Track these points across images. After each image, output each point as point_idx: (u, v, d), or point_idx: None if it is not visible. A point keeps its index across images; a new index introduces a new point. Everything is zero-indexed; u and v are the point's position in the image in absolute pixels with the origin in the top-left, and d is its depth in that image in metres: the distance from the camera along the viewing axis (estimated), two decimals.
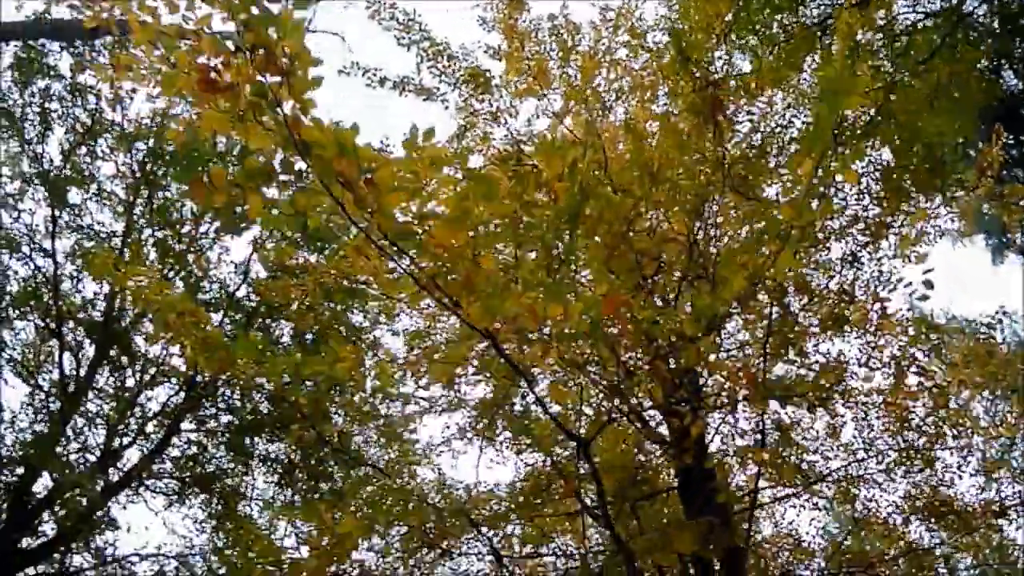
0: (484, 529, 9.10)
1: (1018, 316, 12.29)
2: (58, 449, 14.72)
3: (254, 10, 4.02)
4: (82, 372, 15.71)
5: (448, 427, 11.27)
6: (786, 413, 11.93)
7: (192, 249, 15.90)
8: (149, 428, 16.02)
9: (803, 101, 11.32)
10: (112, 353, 15.55)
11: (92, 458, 15.45)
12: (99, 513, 14.98)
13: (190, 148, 15.18)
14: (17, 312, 15.66)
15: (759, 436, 10.93)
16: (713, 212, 8.38)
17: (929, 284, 8.73)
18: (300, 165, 4.82)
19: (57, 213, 15.42)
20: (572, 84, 11.17)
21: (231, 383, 15.23)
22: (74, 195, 15.82)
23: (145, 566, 15.93)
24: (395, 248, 5.14)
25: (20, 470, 14.78)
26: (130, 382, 15.98)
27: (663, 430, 10.45)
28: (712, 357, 6.25)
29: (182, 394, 15.95)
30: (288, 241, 14.81)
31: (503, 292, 4.78)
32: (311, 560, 6.59)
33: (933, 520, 11.07)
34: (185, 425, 15.91)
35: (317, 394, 7.99)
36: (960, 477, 11.21)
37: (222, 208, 4.80)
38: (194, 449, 15.83)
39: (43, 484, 14.97)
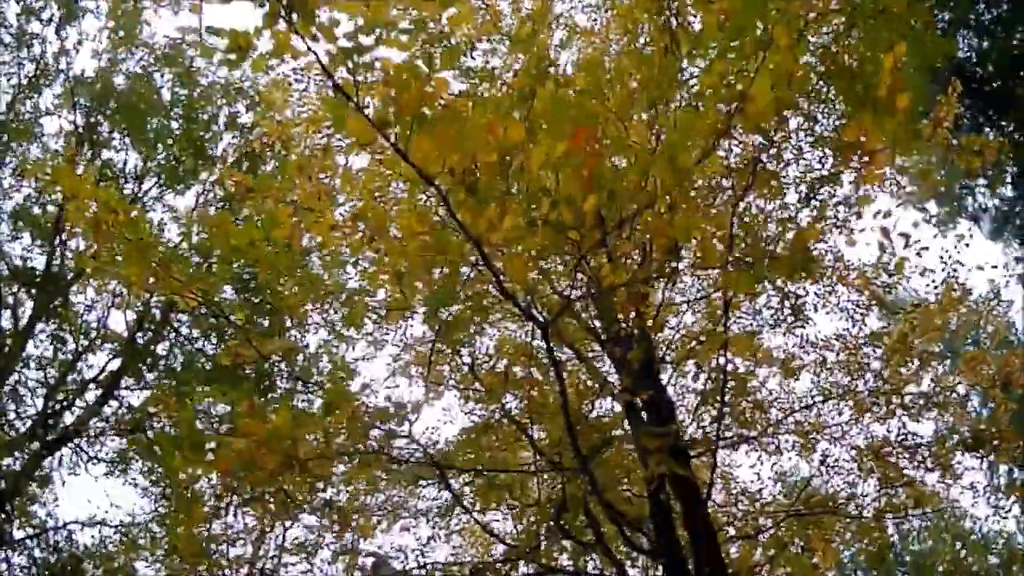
0: (432, 454, 8.80)
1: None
2: None
3: None
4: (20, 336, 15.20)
5: (395, 359, 10.99)
6: (743, 362, 11.90)
7: (135, 207, 15.45)
8: (88, 392, 15.52)
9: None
10: (52, 306, 15.07)
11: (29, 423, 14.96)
12: (36, 474, 14.45)
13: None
14: None
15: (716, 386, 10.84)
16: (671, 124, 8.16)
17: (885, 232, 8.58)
18: None
19: None
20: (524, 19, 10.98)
21: (172, 344, 14.87)
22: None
23: (87, 535, 15.41)
24: (342, 93, 4.90)
25: None
26: (70, 344, 15.49)
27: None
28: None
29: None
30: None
31: (458, 121, 4.51)
32: (238, 442, 6.19)
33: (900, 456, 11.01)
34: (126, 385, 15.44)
35: (253, 305, 7.66)
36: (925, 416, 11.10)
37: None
38: (135, 412, 15.30)
39: None
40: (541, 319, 6.36)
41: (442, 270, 6.20)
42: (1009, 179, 15.41)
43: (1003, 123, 15.40)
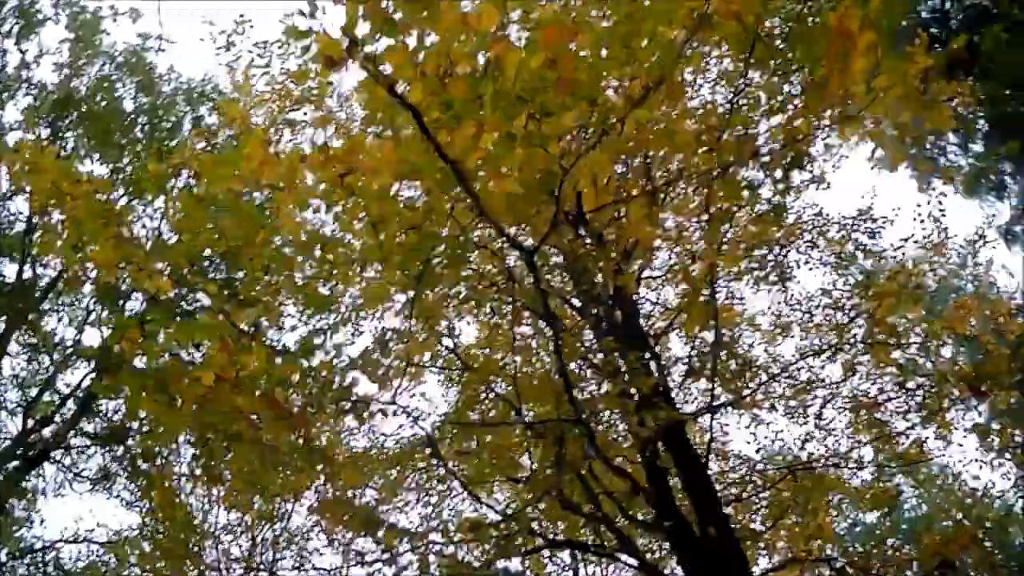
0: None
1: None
2: None
3: None
4: None
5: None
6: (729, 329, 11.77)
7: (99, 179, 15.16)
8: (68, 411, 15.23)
9: None
10: (26, 318, 14.80)
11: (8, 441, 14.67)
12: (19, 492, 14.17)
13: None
14: None
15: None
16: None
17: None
18: None
19: None
20: None
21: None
22: None
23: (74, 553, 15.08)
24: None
25: None
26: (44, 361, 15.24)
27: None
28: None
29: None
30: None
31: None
32: (208, 376, 5.86)
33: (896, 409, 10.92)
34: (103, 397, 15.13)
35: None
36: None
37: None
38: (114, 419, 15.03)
39: None
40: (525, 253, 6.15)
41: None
42: (980, 136, 15.33)
43: (969, 81, 15.36)
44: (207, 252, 9.44)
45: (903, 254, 10.85)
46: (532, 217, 6.87)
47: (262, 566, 11.84)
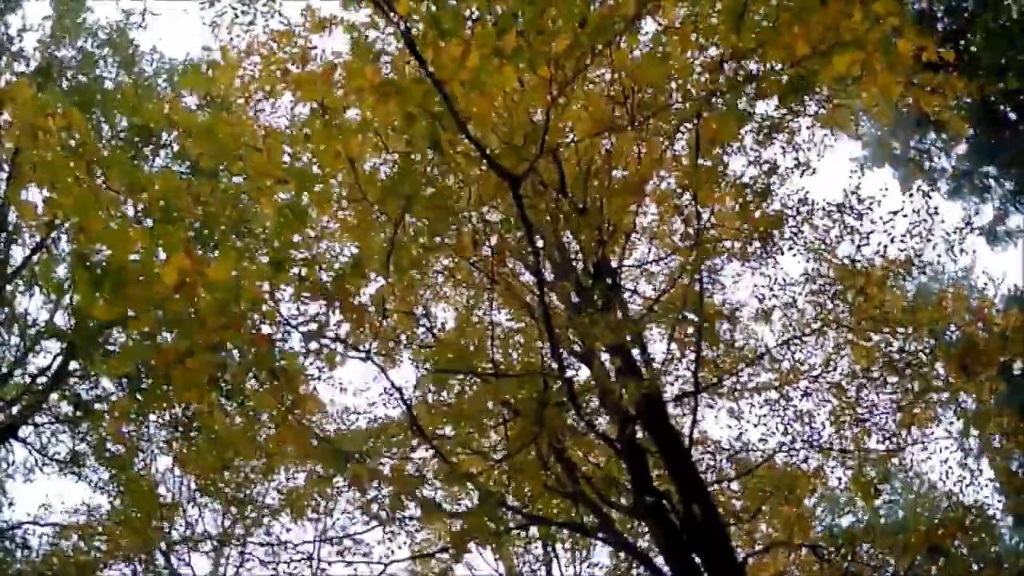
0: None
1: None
2: None
3: None
4: None
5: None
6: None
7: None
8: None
9: None
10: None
11: None
12: None
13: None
14: None
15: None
16: None
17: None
18: None
19: None
20: None
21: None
22: None
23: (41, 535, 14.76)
24: None
25: None
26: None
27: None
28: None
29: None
30: None
31: None
32: (169, 272, 5.52)
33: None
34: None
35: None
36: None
37: None
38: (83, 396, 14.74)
39: None
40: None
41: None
42: (965, 138, 15.33)
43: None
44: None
45: (892, 227, 10.76)
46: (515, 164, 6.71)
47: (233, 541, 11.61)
